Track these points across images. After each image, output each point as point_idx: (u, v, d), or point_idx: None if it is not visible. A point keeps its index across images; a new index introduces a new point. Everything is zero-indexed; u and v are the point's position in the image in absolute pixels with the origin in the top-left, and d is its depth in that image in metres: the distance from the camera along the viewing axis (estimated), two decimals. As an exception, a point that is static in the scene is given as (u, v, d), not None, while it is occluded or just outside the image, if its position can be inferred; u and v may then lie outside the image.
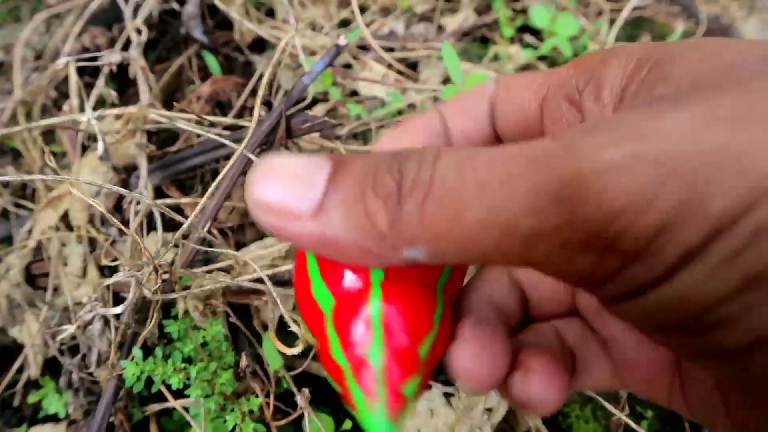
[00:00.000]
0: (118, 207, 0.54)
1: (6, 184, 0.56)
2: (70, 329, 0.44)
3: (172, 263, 0.44)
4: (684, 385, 0.24)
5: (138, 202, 0.49)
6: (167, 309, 0.46)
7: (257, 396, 0.46)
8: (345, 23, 0.77)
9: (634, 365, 0.26)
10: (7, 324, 0.51)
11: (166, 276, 0.42)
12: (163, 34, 0.72)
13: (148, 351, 0.45)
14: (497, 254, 0.16)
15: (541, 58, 0.75)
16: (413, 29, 0.77)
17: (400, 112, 0.62)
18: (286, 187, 0.18)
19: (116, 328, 0.44)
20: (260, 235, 0.53)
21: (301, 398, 0.47)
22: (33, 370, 0.50)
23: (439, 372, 0.24)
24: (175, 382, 0.44)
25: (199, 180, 0.57)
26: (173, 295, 0.43)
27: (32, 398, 0.50)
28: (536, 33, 0.78)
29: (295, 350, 0.44)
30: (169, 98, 0.66)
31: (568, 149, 0.16)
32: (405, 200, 0.17)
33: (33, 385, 0.51)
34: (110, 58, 0.51)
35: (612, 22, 0.75)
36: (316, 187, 0.18)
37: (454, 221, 0.16)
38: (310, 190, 0.18)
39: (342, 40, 0.53)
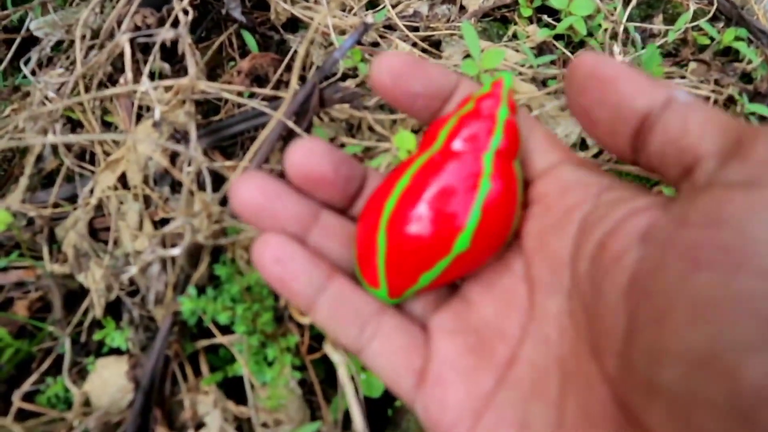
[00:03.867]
0: (167, 174, 0.61)
1: (70, 149, 0.63)
2: (132, 270, 0.50)
3: (221, 212, 0.50)
4: None
5: (189, 163, 0.56)
6: (216, 255, 0.52)
7: (294, 336, 0.53)
8: (373, 5, 0.82)
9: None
10: (75, 271, 0.58)
11: (216, 223, 0.48)
12: (204, 15, 0.78)
13: (199, 292, 0.51)
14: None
15: (558, 37, 0.79)
16: (437, 10, 0.82)
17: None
18: None
19: (172, 270, 0.50)
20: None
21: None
22: (97, 311, 0.57)
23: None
24: (223, 319, 0.50)
25: (240, 147, 0.64)
26: (222, 241, 0.49)
27: (97, 336, 0.56)
28: (553, 13, 0.82)
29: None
30: (212, 73, 0.72)
31: None
32: None
33: (97, 324, 0.58)
34: (164, 35, 0.57)
35: (626, 1, 0.79)
36: None
37: None
38: None
39: (369, 19, 0.59)
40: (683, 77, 0.72)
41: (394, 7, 0.80)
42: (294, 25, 0.79)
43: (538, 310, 0.26)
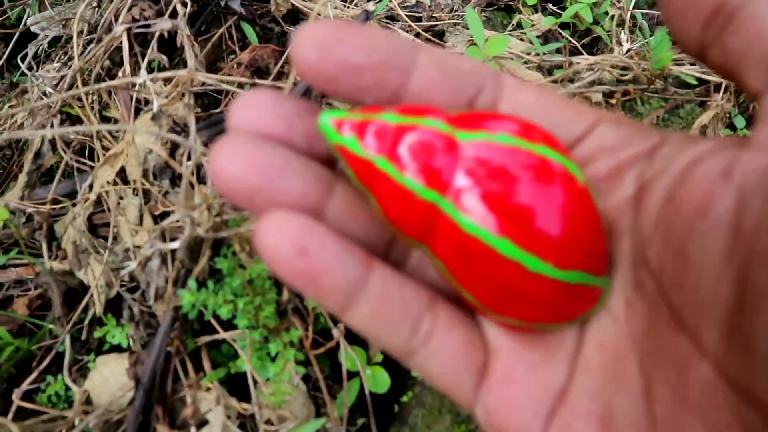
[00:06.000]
0: (167, 168, 0.60)
1: (69, 145, 0.62)
2: (132, 265, 0.49)
3: (222, 204, 0.49)
4: None
5: (189, 157, 0.55)
6: (217, 248, 0.51)
7: (297, 330, 0.51)
8: (374, -5, 0.81)
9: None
10: (74, 267, 0.57)
11: (216, 216, 0.47)
12: (204, 8, 0.77)
13: (200, 286, 0.50)
14: None
15: (563, 25, 0.78)
16: (440, 0, 0.80)
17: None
18: None
19: (172, 264, 0.49)
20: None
21: (337, 332, 0.51)
22: (97, 308, 0.56)
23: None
24: (225, 312, 0.49)
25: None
26: (223, 234, 0.48)
27: (98, 333, 0.56)
28: (558, 1, 0.80)
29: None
30: (212, 67, 0.71)
31: None
32: None
33: (97, 321, 0.57)
34: (162, 25, 0.56)
35: (633, -12, 0.78)
36: None
37: None
38: None
39: (370, 6, 0.57)
40: (693, 64, 0.71)
41: (396, -3, 0.79)
42: (295, 16, 0.78)
43: None
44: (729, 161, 0.18)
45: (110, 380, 0.54)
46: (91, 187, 0.61)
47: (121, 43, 0.63)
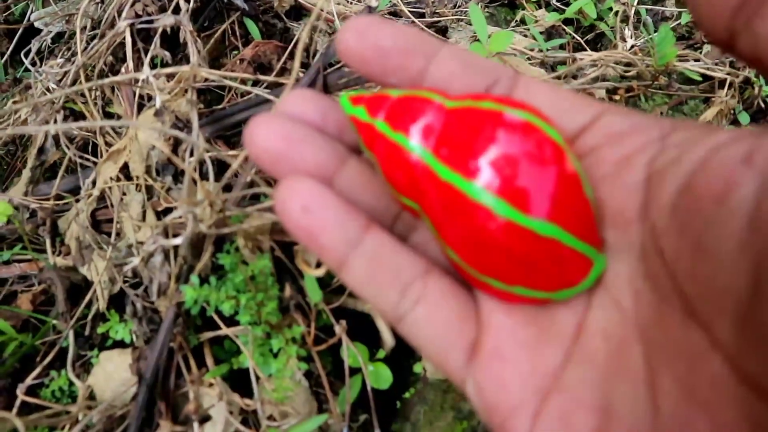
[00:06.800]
0: (170, 164, 0.60)
1: (72, 141, 0.62)
2: (135, 261, 0.49)
3: (224, 201, 0.49)
4: None
5: (191, 153, 0.55)
6: (219, 244, 0.51)
7: (300, 326, 0.52)
8: (377, -9, 0.81)
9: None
10: (78, 263, 0.57)
11: (219, 212, 0.47)
12: (207, 4, 0.77)
13: (203, 282, 0.50)
14: None
15: (567, 21, 0.77)
16: (442, -5, 0.80)
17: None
18: None
19: (175, 260, 0.49)
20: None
21: (339, 328, 0.52)
22: (101, 304, 0.56)
23: None
24: (227, 308, 0.49)
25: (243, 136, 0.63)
26: (226, 230, 0.48)
27: (101, 328, 0.56)
28: (562, -3, 0.80)
29: (320, 272, 0.49)
30: (215, 63, 0.71)
31: None
32: None
33: (101, 317, 0.57)
34: (165, 21, 0.56)
35: (637, -16, 0.77)
36: None
37: None
38: None
39: (373, 2, 0.57)
40: (697, 60, 0.70)
41: (399, -7, 0.78)
42: (297, 13, 0.78)
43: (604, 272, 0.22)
44: (750, 148, 0.17)
45: (113, 376, 0.54)
46: (94, 183, 0.61)
47: (124, 39, 0.64)
